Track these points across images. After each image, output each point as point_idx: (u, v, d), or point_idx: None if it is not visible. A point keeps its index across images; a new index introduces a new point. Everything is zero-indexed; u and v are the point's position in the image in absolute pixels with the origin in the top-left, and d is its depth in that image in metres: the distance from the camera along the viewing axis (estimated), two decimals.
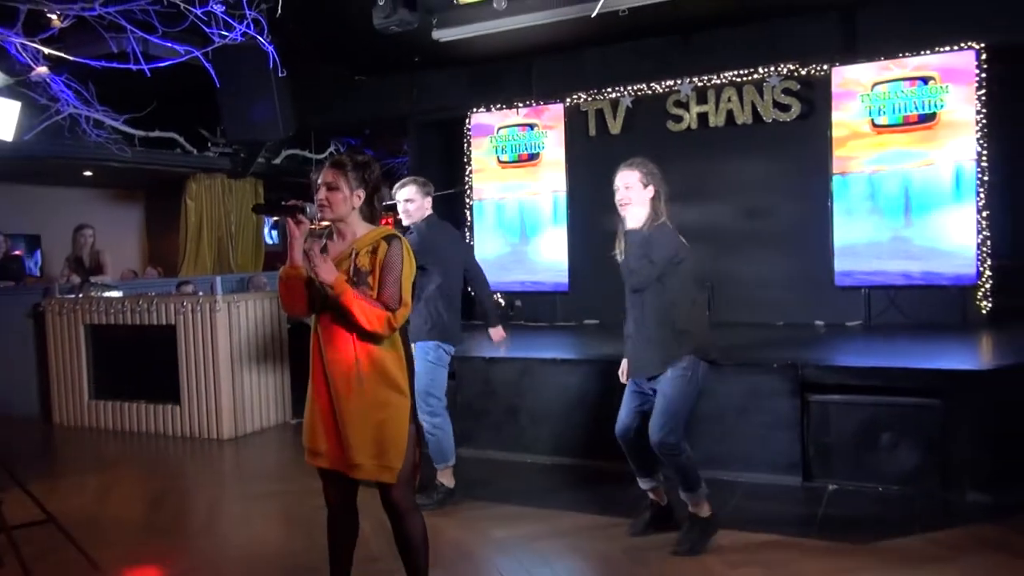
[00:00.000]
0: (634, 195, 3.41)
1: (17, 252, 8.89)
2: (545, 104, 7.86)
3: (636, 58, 7.39)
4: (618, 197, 3.45)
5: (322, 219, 2.57)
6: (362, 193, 2.58)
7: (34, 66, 5.40)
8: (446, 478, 4.14)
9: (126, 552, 3.65)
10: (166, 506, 4.39)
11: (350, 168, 2.56)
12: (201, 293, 6.41)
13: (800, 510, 3.97)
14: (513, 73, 8.00)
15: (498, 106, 8.03)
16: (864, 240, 6.54)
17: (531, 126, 7.92)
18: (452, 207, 8.02)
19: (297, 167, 10.53)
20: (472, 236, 8.05)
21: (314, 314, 2.59)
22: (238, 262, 10.09)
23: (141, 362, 6.34)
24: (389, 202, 2.92)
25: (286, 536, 3.83)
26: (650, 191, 3.41)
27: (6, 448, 3.94)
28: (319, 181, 2.57)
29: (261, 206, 2.57)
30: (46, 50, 5.29)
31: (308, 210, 2.51)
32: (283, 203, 2.51)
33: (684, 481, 3.42)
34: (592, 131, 7.64)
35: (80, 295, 6.75)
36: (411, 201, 4.17)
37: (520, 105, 7.94)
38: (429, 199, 4.25)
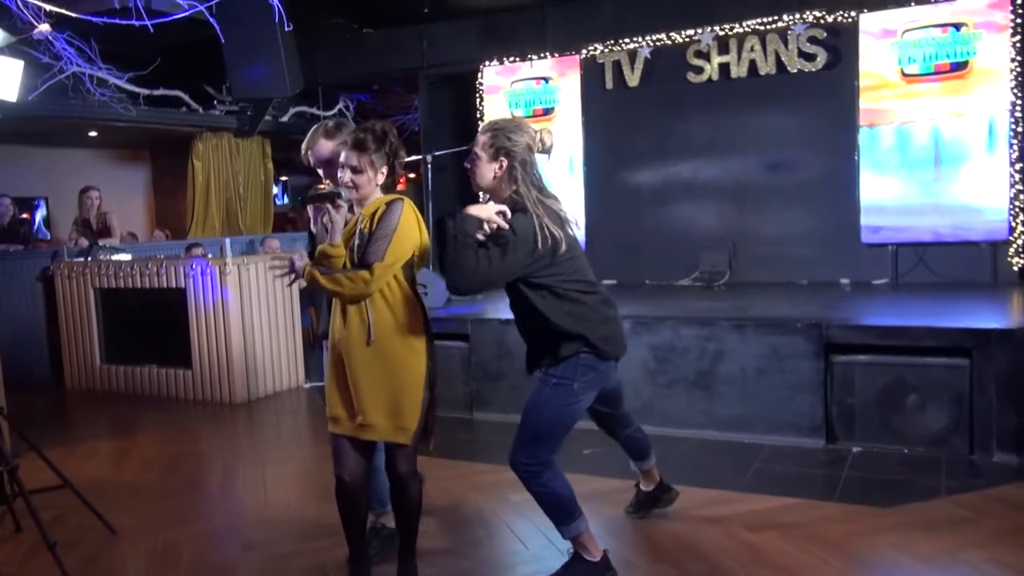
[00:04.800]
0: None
1: (24, 215, 8.95)
2: (560, 56, 7.75)
3: (655, 6, 7.26)
4: None
5: (349, 200, 2.63)
6: (385, 169, 2.65)
7: (36, 24, 5.37)
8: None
9: (143, 516, 3.73)
10: (180, 470, 4.47)
11: (373, 148, 2.60)
12: (210, 256, 6.45)
13: (823, 473, 3.98)
14: (526, 24, 7.89)
15: (511, 59, 7.93)
16: (892, 195, 6.46)
17: (546, 79, 7.83)
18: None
19: (305, 124, 10.48)
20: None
21: None
22: (247, 224, 10.11)
23: (151, 326, 6.41)
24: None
25: (302, 501, 3.90)
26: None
27: (20, 413, 4.01)
28: (342, 162, 2.63)
29: (310, 198, 2.67)
30: (47, 7, 5.26)
31: (343, 195, 2.60)
32: (321, 192, 2.64)
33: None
34: (609, 84, 7.54)
35: (89, 258, 6.80)
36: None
37: (534, 58, 7.84)
38: None
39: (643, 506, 3.47)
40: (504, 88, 7.99)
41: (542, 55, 7.81)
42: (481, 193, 2.84)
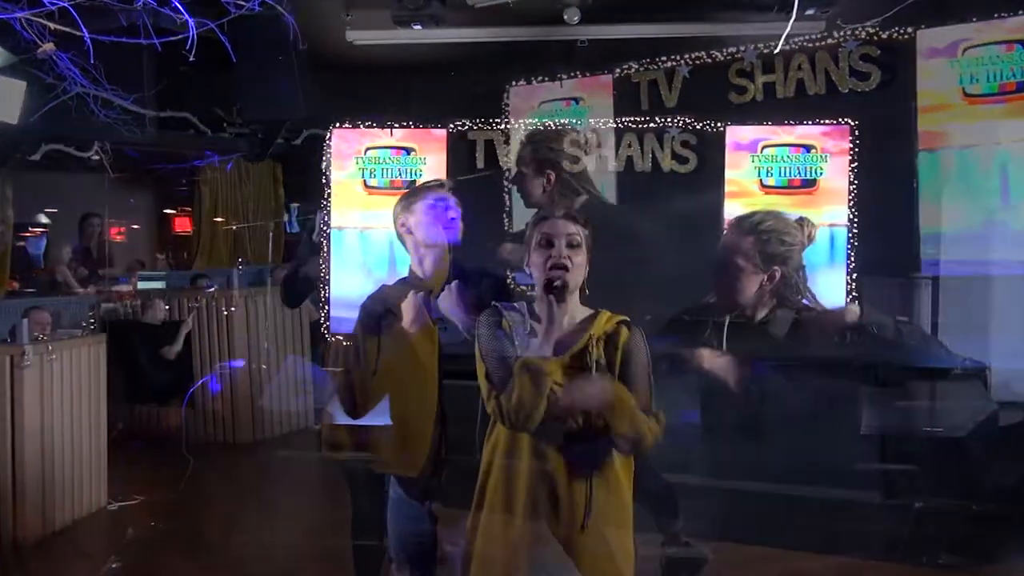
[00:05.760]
0: None
1: (21, 243, 9.11)
2: (591, 75, 7.78)
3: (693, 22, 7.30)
4: None
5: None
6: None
7: (40, 43, 5.49)
8: None
9: (139, 565, 3.72)
10: (182, 517, 4.47)
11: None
12: (216, 287, 6.51)
13: (881, 529, 3.90)
14: (554, 41, 7.94)
15: (539, 78, 7.98)
16: (954, 225, 6.38)
17: (575, 100, 7.86)
18: (488, 190, 7.99)
19: (319, 149, 10.60)
20: (511, 221, 8.02)
21: None
22: (256, 253, 10.21)
23: (153, 361, 6.45)
24: None
25: (309, 548, 3.88)
26: None
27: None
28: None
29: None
30: (52, 25, 5.39)
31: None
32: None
33: None
34: (645, 104, 7.55)
35: (89, 289, 6.89)
36: None
37: (564, 77, 7.88)
38: None
39: (670, 573, 3.41)
40: (532, 109, 8.04)
41: (572, 74, 7.85)
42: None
